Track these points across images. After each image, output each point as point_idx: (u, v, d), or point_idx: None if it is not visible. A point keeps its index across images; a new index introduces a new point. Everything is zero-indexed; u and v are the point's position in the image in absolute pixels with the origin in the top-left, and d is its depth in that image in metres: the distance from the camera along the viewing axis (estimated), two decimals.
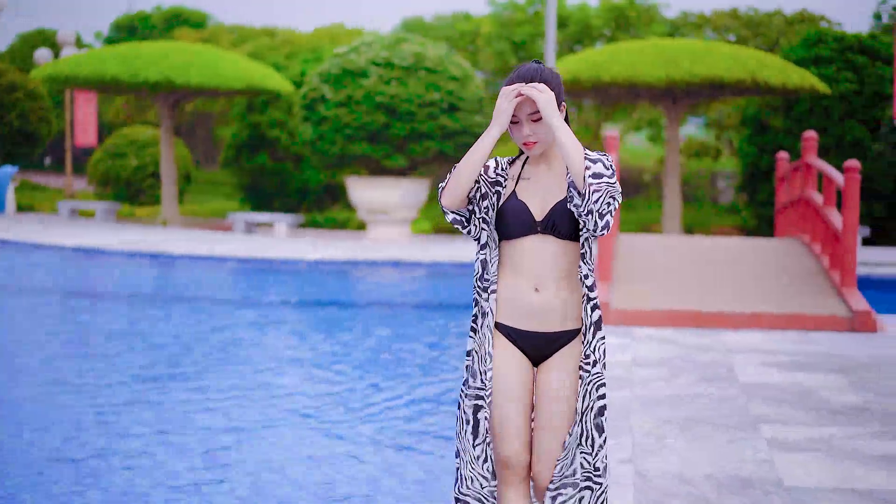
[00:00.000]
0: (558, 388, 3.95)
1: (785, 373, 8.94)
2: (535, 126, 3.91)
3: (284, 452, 7.00)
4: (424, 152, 21.90)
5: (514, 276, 3.96)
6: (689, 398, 7.94)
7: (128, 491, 6.12)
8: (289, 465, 6.69)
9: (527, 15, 35.87)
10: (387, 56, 21.96)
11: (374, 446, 7.24)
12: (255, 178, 27.83)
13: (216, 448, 7.00)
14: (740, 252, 14.25)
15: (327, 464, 6.75)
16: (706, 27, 37.92)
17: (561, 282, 3.94)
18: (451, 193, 3.90)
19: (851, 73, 24.45)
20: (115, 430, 7.47)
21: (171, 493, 6.06)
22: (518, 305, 3.96)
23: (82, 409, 8.11)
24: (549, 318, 3.95)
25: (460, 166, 3.89)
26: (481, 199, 3.95)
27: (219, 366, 10.00)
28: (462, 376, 4.08)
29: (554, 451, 3.95)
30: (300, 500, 6.06)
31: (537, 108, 3.86)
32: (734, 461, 6.35)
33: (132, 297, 14.83)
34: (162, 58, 23.45)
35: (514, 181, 4.01)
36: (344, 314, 13.64)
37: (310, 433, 7.62)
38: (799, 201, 15.30)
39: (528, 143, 3.93)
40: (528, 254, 3.94)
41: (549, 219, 3.91)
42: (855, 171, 11.75)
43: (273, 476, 6.44)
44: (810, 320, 11.12)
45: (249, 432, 7.51)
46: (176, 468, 6.56)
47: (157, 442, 7.14)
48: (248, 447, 7.12)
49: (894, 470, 6.18)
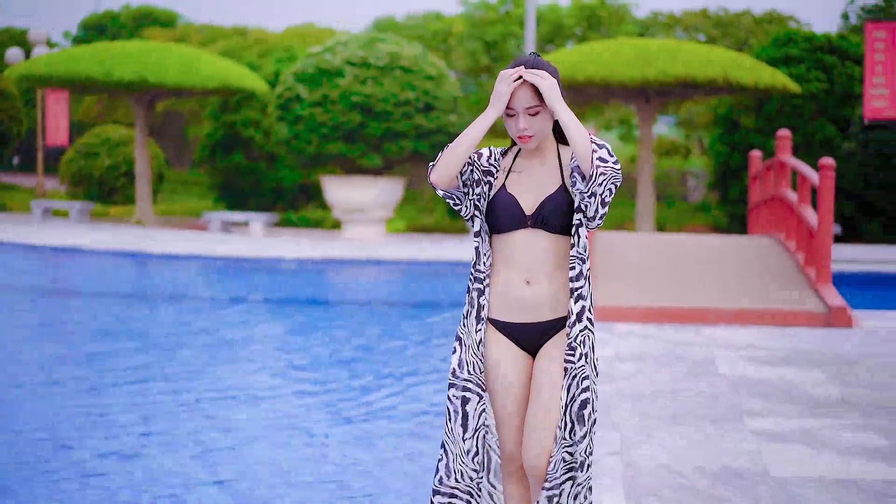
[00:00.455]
0: (545, 377, 3.95)
1: (765, 367, 9.09)
2: (532, 120, 3.90)
3: (273, 450, 7.07)
4: (400, 151, 21.99)
5: (505, 270, 3.97)
6: (673, 392, 8.07)
7: (115, 493, 6.17)
8: (275, 462, 6.75)
9: (498, 14, 36.01)
10: (362, 56, 22.04)
11: (364, 439, 7.34)
12: (229, 178, 27.82)
13: (204, 446, 7.05)
14: (716, 249, 14.42)
15: (312, 459, 6.82)
16: (676, 27, 38.18)
17: (552, 275, 3.96)
18: (440, 171, 3.89)
19: (821, 72, 24.73)
20: (102, 430, 7.51)
21: (160, 491, 6.11)
22: (510, 299, 3.97)
23: (70, 406, 8.16)
24: (541, 309, 3.97)
25: (452, 145, 3.89)
26: (475, 184, 3.96)
27: (205, 364, 10.06)
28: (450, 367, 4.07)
29: (543, 442, 3.94)
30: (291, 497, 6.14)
31: (535, 101, 3.86)
32: (721, 452, 6.48)
33: (127, 296, 14.86)
34: (137, 57, 23.43)
35: (504, 174, 4.01)
36: (330, 311, 13.72)
37: (294, 430, 7.70)
38: (773, 199, 15.50)
39: (524, 136, 3.91)
40: (519, 247, 3.94)
41: (538, 213, 3.92)
42: (830, 169, 11.93)
43: (259, 472, 6.48)
44: (787, 316, 11.30)
45: (235, 431, 7.58)
46: (164, 467, 6.62)
47: (144, 441, 7.17)
48: (234, 444, 7.19)
49: (877, 460, 6.33)
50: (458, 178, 3.94)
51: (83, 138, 29.21)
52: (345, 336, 11.67)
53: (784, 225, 14.51)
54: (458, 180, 3.93)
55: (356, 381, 9.25)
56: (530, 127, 3.90)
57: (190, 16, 72.51)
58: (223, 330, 12.00)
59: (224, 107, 27.66)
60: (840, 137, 24.48)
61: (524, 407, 4.01)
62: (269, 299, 14.85)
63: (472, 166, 3.96)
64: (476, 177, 3.96)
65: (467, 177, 3.95)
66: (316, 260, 17.75)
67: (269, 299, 14.85)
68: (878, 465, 6.22)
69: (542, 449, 3.93)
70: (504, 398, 4.00)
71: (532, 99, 3.87)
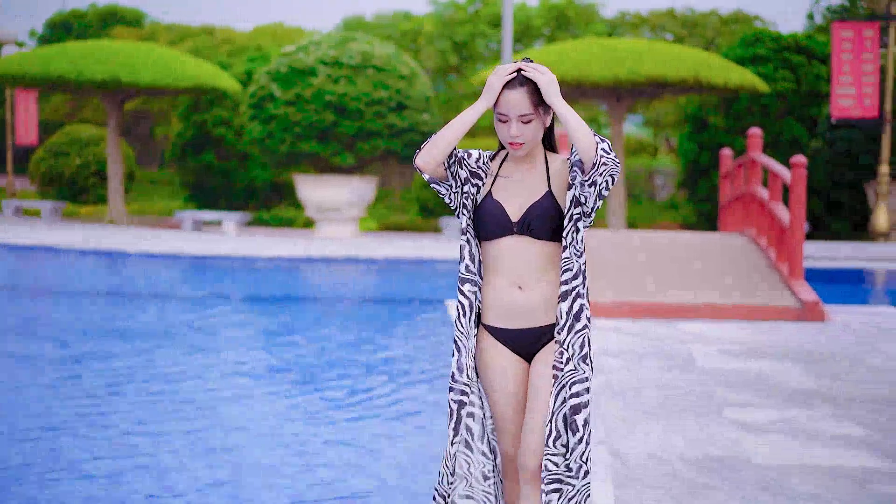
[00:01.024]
0: (542, 381, 3.95)
1: (742, 360, 9.29)
2: (524, 127, 3.87)
3: (255, 447, 7.13)
4: (373, 150, 22.12)
5: (495, 277, 3.97)
6: (654, 386, 8.25)
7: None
8: (257, 459, 6.81)
9: (467, 14, 36.16)
10: (335, 55, 22.15)
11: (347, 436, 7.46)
12: (200, 177, 27.83)
13: (189, 440, 7.13)
14: (690, 246, 14.63)
15: (296, 455, 6.89)
16: (643, 27, 38.48)
17: (543, 280, 3.95)
18: (425, 156, 3.86)
19: (789, 71, 25.05)
20: (85, 429, 7.58)
21: (140, 491, 6.20)
22: (502, 305, 3.97)
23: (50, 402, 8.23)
24: (534, 314, 3.96)
25: (440, 131, 3.86)
26: (464, 182, 3.94)
27: (187, 358, 10.14)
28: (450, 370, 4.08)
29: (538, 443, 3.95)
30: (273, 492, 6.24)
31: (529, 109, 3.84)
32: (704, 442, 6.66)
33: (108, 295, 14.90)
34: (109, 56, 23.41)
35: (491, 179, 4.00)
36: (312, 309, 13.82)
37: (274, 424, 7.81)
38: (744, 197, 15.73)
39: (514, 143, 3.89)
40: (507, 254, 3.94)
41: (524, 220, 3.91)
42: (802, 167, 12.17)
43: (239, 466, 6.53)
44: (762, 311, 11.52)
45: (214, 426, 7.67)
46: (156, 462, 6.70)
47: (129, 438, 7.23)
48: (217, 440, 7.28)
49: (855, 449, 6.53)
50: (446, 169, 3.92)
51: (53, 138, 29.13)
52: (332, 333, 11.77)
53: (755, 222, 14.74)
54: (445, 170, 3.92)
55: (347, 380, 9.36)
56: (522, 134, 3.88)
57: (156, 15, 72.24)
58: (208, 328, 12.08)
59: (195, 106, 27.66)
60: (807, 136, 24.81)
61: (522, 411, 4.02)
62: (252, 297, 14.95)
63: (461, 163, 3.95)
64: (465, 174, 3.94)
65: (455, 170, 3.93)
66: (299, 258, 17.90)
67: (252, 297, 14.95)
68: (856, 453, 6.42)
69: (536, 450, 3.95)
70: (504, 404, 4.01)
71: (526, 107, 3.84)
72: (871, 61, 22.28)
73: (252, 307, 13.99)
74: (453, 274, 17.23)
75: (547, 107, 3.90)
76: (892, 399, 7.87)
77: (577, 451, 3.89)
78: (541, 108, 3.88)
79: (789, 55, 25.23)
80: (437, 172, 3.90)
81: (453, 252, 18.96)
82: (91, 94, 25.30)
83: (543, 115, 3.90)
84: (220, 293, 15.39)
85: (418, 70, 23.30)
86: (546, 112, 3.91)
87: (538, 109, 3.86)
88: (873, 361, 9.32)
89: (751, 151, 15.51)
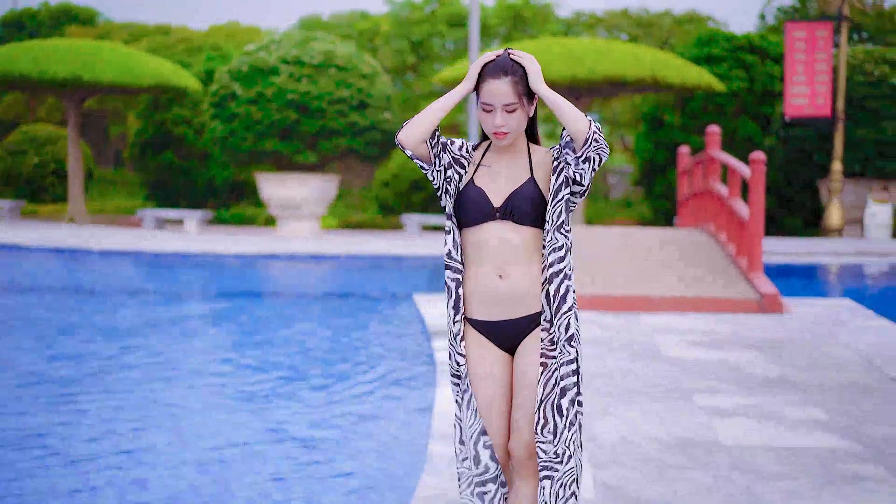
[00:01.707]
0: (530, 370, 3.98)
1: (707, 350, 9.59)
2: (509, 117, 3.90)
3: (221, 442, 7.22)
4: (334, 149, 22.30)
5: (477, 264, 3.99)
6: (623, 374, 8.52)
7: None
8: (231, 454, 6.86)
9: (424, 14, 36.35)
10: (297, 54, 22.30)
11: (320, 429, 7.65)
12: (160, 176, 27.85)
13: (156, 439, 7.16)
14: (652, 242, 14.94)
15: (261, 451, 6.99)
16: (599, 27, 38.87)
17: (524, 268, 3.96)
18: (407, 130, 3.93)
19: (742, 71, 25.50)
20: (58, 424, 7.69)
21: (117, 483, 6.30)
22: (484, 294, 3.99)
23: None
24: (516, 305, 3.98)
25: (424, 109, 3.92)
26: (447, 167, 3.98)
27: (160, 355, 10.28)
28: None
29: (526, 437, 3.99)
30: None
31: (513, 99, 3.87)
32: (675, 426, 6.93)
33: (76, 292, 14.96)
34: (71, 55, 23.40)
35: (474, 168, 4.03)
36: (277, 305, 13.99)
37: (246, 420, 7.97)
38: (703, 193, 16.06)
39: (499, 132, 3.92)
40: (489, 240, 3.96)
41: (507, 204, 3.93)
42: (761, 163, 12.50)
43: (211, 463, 6.57)
44: (723, 303, 11.83)
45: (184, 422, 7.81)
46: (131, 456, 6.77)
47: (98, 431, 7.25)
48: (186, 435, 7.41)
49: (817, 431, 6.82)
50: (429, 149, 3.97)
51: (10, 137, 29.03)
52: (307, 328, 11.95)
53: (714, 218, 15.08)
54: (427, 150, 3.96)
55: (326, 377, 9.54)
56: (506, 124, 3.91)
57: (109, 13, 71.77)
58: (184, 324, 12.21)
59: (155, 105, 27.67)
60: (761, 134, 25.26)
61: (510, 400, 4.04)
62: (222, 294, 15.08)
63: (445, 147, 4.00)
64: (448, 160, 3.99)
65: (438, 152, 3.98)
66: (266, 255, 18.07)
67: (222, 294, 15.08)
68: (819, 436, 6.71)
69: (529, 442, 4.00)
70: (491, 396, 4.02)
71: (511, 96, 3.88)
72: (824, 61, 22.74)
73: (225, 303, 14.12)
74: (420, 269, 17.45)
75: (530, 97, 3.94)
76: (850, 385, 8.19)
77: (565, 435, 3.93)
78: (524, 98, 3.91)
79: (743, 55, 25.69)
80: (418, 150, 3.95)
81: (417, 249, 19.20)
82: (52, 92, 25.26)
83: (527, 105, 3.94)
84: (192, 290, 15.52)
85: (379, 69, 23.51)
86: (530, 102, 3.95)
87: (522, 99, 3.90)
88: (831, 350, 9.65)
89: (709, 149, 15.85)
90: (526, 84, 3.90)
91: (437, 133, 3.99)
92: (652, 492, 5.59)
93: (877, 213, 22.83)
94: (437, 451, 6.22)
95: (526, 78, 3.90)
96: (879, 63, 23.76)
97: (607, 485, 5.69)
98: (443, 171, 3.98)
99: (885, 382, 8.29)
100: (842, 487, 5.68)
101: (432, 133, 3.96)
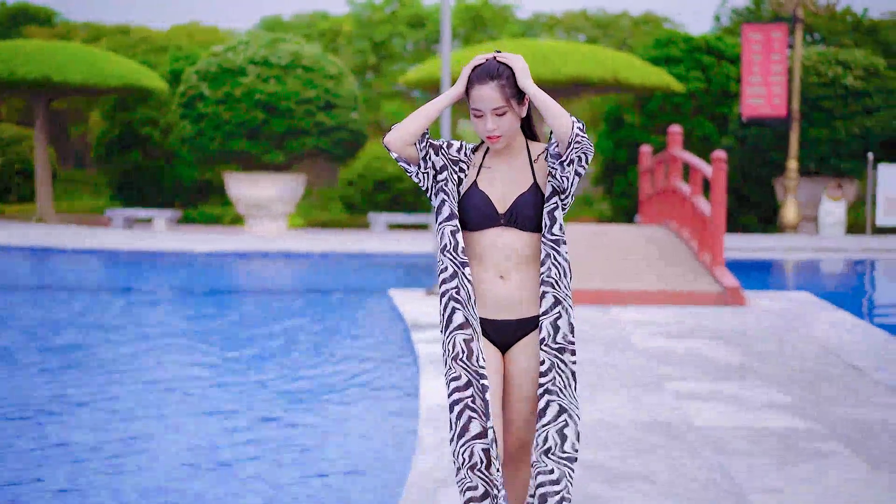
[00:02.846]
0: (519, 374, 4.06)
1: (675, 341, 10.08)
2: (499, 120, 3.94)
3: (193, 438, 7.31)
4: (302, 148, 22.68)
5: (479, 267, 4.02)
6: (596, 362, 8.98)
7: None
8: (208, 449, 6.94)
9: (384, 15, 36.72)
10: (265, 55, 22.66)
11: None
12: (126, 176, 28.05)
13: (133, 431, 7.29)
14: (617, 238, 15.44)
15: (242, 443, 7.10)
16: (558, 27, 39.41)
17: (526, 271, 4.01)
18: (394, 133, 3.96)
19: (700, 72, 26.11)
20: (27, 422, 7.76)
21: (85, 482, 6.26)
22: (485, 296, 4.03)
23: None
24: (517, 306, 4.03)
25: (414, 113, 3.97)
26: (440, 170, 4.01)
27: (142, 354, 10.61)
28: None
29: (521, 434, 4.10)
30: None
31: (502, 102, 3.91)
32: (649, 409, 7.39)
33: (53, 290, 15.23)
34: (39, 55, 23.59)
35: (476, 170, 4.06)
36: (254, 301, 14.35)
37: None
38: (665, 191, 16.59)
39: (492, 136, 3.96)
40: (492, 245, 3.99)
41: (511, 212, 3.97)
42: (722, 162, 13.03)
43: (185, 456, 6.71)
44: (688, 296, 12.35)
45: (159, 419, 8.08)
46: (87, 465, 6.70)
47: (71, 429, 7.37)
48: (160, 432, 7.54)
49: (780, 413, 7.31)
50: (417, 151, 3.99)
51: None
52: (289, 323, 12.30)
53: (676, 215, 15.60)
54: (416, 152, 3.99)
55: (308, 368, 9.93)
56: (498, 127, 3.95)
57: (66, 13, 71.44)
58: (162, 322, 12.53)
59: (120, 105, 27.88)
60: (718, 134, 25.89)
61: (500, 397, 4.09)
62: (198, 291, 15.41)
63: (439, 151, 4.02)
64: (442, 163, 4.01)
65: (429, 155, 4.00)
66: (243, 252, 18.47)
67: (198, 291, 15.41)
68: (782, 416, 7.20)
69: (525, 440, 4.11)
70: (492, 393, 4.05)
71: (498, 100, 3.92)
72: (780, 62, 23.38)
73: (203, 300, 14.46)
74: (397, 267, 17.85)
75: (520, 98, 3.98)
76: (809, 371, 8.71)
77: (565, 464, 4.02)
78: (513, 99, 3.94)
79: (700, 56, 26.31)
80: (406, 152, 3.97)
81: (390, 247, 19.62)
82: (20, 93, 25.41)
83: (517, 105, 3.97)
84: (169, 287, 15.87)
85: (346, 70, 23.93)
86: (520, 103, 3.98)
87: (511, 101, 3.93)
88: (791, 339, 10.18)
89: (671, 148, 16.37)
90: (514, 85, 3.94)
91: (426, 136, 4.02)
92: (630, 467, 6.04)
93: (831, 211, 23.49)
94: (427, 433, 6.63)
95: (514, 79, 3.94)
96: (833, 64, 24.45)
97: (589, 462, 6.13)
98: (432, 173, 4.01)
99: (842, 368, 8.82)
100: (803, 462, 6.16)
101: (421, 136, 3.99)
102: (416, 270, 16.55)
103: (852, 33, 34.48)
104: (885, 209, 22.95)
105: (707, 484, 5.75)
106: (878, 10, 58.19)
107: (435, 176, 4.02)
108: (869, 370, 8.75)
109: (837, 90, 24.08)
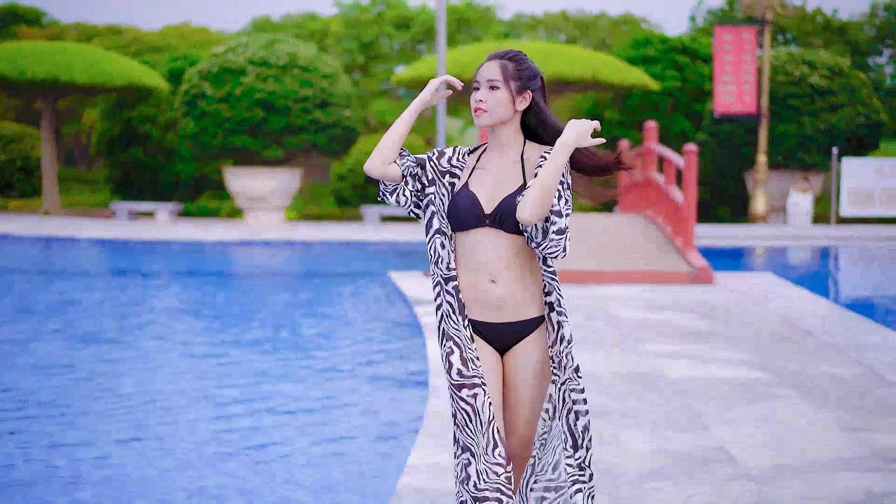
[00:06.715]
0: (520, 376, 3.99)
1: (650, 312, 11.34)
2: (490, 94, 3.88)
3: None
4: (299, 144, 23.96)
5: (469, 269, 3.94)
6: (579, 329, 10.20)
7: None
8: (207, 440, 6.94)
9: (372, 15, 37.68)
10: (263, 56, 23.91)
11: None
12: (126, 172, 29.09)
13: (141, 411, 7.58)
14: (599, 225, 16.70)
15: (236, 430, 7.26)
16: (539, 28, 40.54)
17: (517, 274, 3.92)
18: (372, 156, 3.94)
19: (676, 71, 27.37)
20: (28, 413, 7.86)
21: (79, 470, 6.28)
22: (476, 296, 3.95)
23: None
24: (510, 308, 3.94)
25: (385, 134, 3.94)
26: (429, 183, 3.97)
27: (155, 335, 11.74)
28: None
29: (524, 435, 4.04)
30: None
31: (498, 76, 3.88)
32: (627, 364, 8.63)
33: (72, 276, 16.29)
34: (46, 56, 24.65)
35: (469, 171, 3.98)
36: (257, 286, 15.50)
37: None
38: (641, 182, 17.86)
39: (478, 109, 3.88)
40: (479, 246, 3.91)
41: (497, 213, 3.87)
42: (693, 154, 14.31)
43: (208, 428, 7.05)
44: (662, 276, 13.62)
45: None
46: (97, 436, 7.00)
47: (72, 413, 7.62)
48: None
49: (739, 366, 8.57)
50: (399, 167, 3.94)
51: None
52: (295, 303, 13.46)
53: (652, 204, 16.87)
54: (396, 169, 3.94)
55: (314, 343, 11.10)
56: (486, 101, 3.88)
57: (54, 14, 72.02)
58: (188, 304, 13.64)
59: (120, 104, 28.89)
60: (693, 130, 27.17)
61: (500, 402, 4.02)
62: (211, 275, 16.53)
63: (424, 166, 3.98)
64: (431, 177, 3.96)
65: (413, 171, 3.96)
66: (248, 241, 19.66)
67: (211, 275, 16.53)
68: (741, 369, 8.46)
69: (527, 441, 4.05)
70: (494, 395, 4.00)
71: (496, 73, 3.88)
72: (750, 62, 24.67)
73: (219, 282, 15.58)
74: (392, 253, 19.04)
75: (523, 91, 3.92)
76: (766, 335, 9.99)
77: (580, 452, 3.99)
78: (513, 82, 3.88)
79: (676, 56, 27.56)
80: (388, 172, 3.93)
81: (385, 236, 20.81)
82: (28, 92, 26.40)
83: (514, 93, 3.89)
84: (179, 272, 17.01)
85: (340, 70, 25.20)
86: (520, 93, 3.90)
87: (509, 84, 3.87)
88: (754, 311, 11.47)
89: (647, 142, 17.63)
90: (519, 77, 3.90)
91: (404, 154, 3.97)
92: (610, 407, 7.26)
93: (798, 202, 24.78)
94: (433, 407, 7.27)
95: (522, 74, 3.91)
96: (800, 64, 25.80)
97: None
98: (419, 186, 3.98)
99: (797, 333, 10.10)
100: (758, 403, 7.41)
101: (399, 154, 3.95)
102: (414, 256, 17.72)
103: (822, 33, 35.86)
104: (849, 200, 24.27)
105: (675, 417, 6.99)
106: (848, 10, 59.68)
107: (423, 189, 3.98)
108: (818, 333, 10.04)
109: (804, 88, 25.39)
